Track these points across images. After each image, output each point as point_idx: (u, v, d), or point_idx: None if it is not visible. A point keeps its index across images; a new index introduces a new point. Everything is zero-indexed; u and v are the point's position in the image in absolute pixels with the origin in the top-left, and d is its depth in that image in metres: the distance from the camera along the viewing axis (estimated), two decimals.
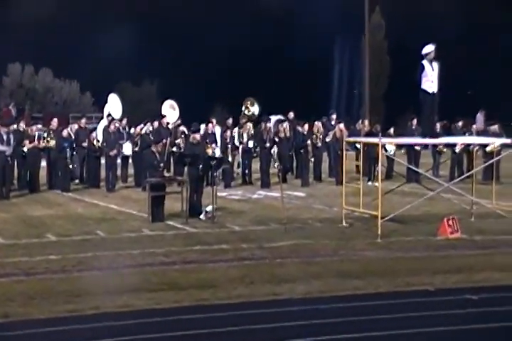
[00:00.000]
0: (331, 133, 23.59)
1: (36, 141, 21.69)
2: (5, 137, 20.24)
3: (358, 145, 21.84)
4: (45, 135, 22.03)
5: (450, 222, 13.67)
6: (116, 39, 46.95)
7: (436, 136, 16.61)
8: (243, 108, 26.27)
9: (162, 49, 49.93)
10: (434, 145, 22.37)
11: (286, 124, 24.00)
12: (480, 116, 28.34)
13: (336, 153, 22.66)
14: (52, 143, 21.65)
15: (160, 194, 15.72)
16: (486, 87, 46.59)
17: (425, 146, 23.39)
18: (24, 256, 11.92)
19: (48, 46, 45.27)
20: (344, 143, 18.51)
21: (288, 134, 23.46)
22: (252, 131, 23.76)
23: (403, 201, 16.50)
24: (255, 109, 26.82)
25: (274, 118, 26.51)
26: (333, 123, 24.71)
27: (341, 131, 23.12)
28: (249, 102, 26.63)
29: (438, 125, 20.41)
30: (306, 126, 23.53)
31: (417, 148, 23.06)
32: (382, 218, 13.69)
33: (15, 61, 48.87)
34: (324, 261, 11.77)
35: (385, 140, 16.10)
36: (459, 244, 13.00)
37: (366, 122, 25.71)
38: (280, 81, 48.67)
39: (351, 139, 20.37)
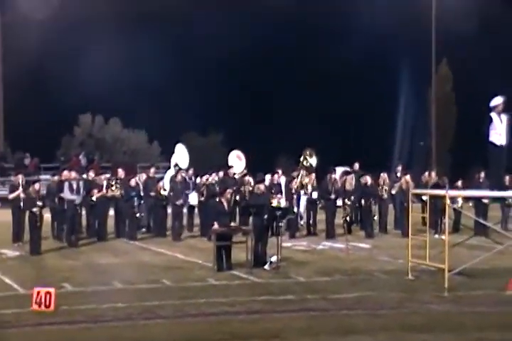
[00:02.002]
0: (397, 185, 23.46)
1: (104, 190, 22.11)
2: (75, 186, 20.82)
3: (424, 198, 21.68)
4: (112, 183, 22.45)
5: None
6: (182, 90, 47.96)
7: (504, 188, 16.41)
8: (301, 159, 26.38)
9: (228, 97, 50.67)
10: (503, 199, 22.02)
11: (351, 175, 23.97)
12: None
13: (401, 204, 22.51)
14: (119, 192, 22.02)
15: (226, 243, 15.81)
16: None
17: (494, 199, 23.04)
18: (92, 304, 12.09)
19: (117, 97, 46.35)
20: (410, 194, 18.35)
21: (353, 186, 23.40)
22: (315, 182, 23.80)
23: (471, 254, 16.23)
24: (313, 161, 26.88)
25: (339, 169, 26.55)
26: (398, 174, 24.61)
27: (407, 182, 22.95)
28: (308, 153, 26.72)
29: (507, 178, 20.14)
30: (369, 178, 23.41)
31: (485, 201, 22.74)
32: (449, 271, 13.48)
33: (86, 111, 50.13)
34: (390, 313, 11.63)
35: (452, 192, 15.96)
36: None
37: (433, 174, 25.48)
38: (345, 133, 48.82)
39: (418, 191, 20.22)
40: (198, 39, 49.79)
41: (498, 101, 14.75)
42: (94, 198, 21.85)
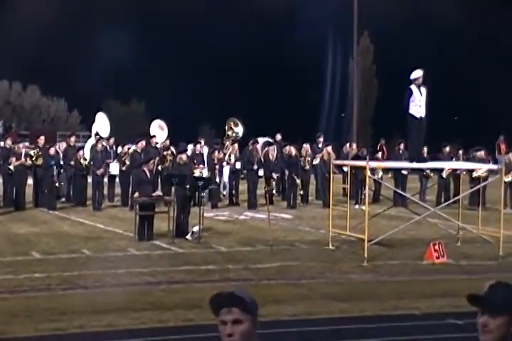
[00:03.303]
0: (318, 156, 23.63)
1: (23, 159, 21.62)
2: None
3: (345, 169, 21.93)
4: (32, 153, 21.97)
5: (436, 247, 13.69)
6: (104, 56, 47.09)
7: (423, 160, 16.71)
8: (226, 128, 26.31)
9: (149, 65, 50.04)
10: (421, 170, 22.46)
11: (273, 146, 24.03)
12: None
13: (323, 175, 22.69)
14: (40, 160, 21.60)
15: (148, 213, 15.70)
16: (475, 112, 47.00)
17: (412, 170, 23.48)
18: (9, 274, 11.85)
19: (36, 63, 45.26)
20: (332, 165, 18.53)
21: (275, 157, 23.47)
22: (239, 152, 23.85)
23: (390, 225, 16.52)
24: (239, 130, 26.85)
25: (261, 140, 26.56)
26: (320, 145, 24.78)
27: (329, 153, 23.14)
28: (232, 123, 26.65)
29: (425, 150, 20.51)
30: (293, 149, 23.52)
31: (404, 172, 23.15)
32: (368, 241, 13.69)
33: (2, 78, 48.86)
34: (310, 283, 11.77)
35: (372, 163, 16.16)
36: (445, 269, 13.03)
37: (354, 145, 25.81)
38: (268, 101, 48.87)
39: (339, 162, 20.44)
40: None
41: (418, 74, 14.91)
42: (11, 166, 21.34)
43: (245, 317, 3.37)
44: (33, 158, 21.73)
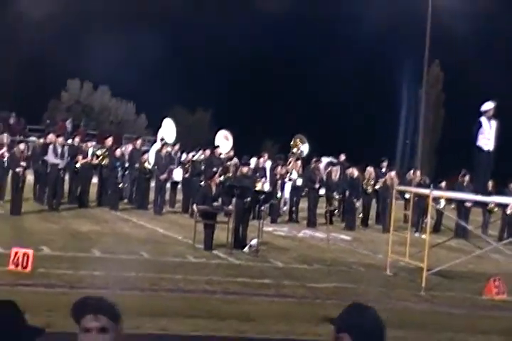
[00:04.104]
0: (381, 180, 23.50)
1: (90, 158, 21.99)
2: (59, 150, 20.61)
3: (407, 195, 21.75)
4: (99, 152, 22.31)
5: (496, 283, 13.45)
6: (175, 64, 47.63)
7: (488, 194, 16.47)
8: (292, 145, 26.36)
9: (220, 76, 50.40)
10: (485, 204, 22.14)
11: (337, 167, 24.00)
12: None
13: (385, 200, 22.55)
14: (106, 161, 21.94)
15: (209, 222, 15.77)
16: None
17: (476, 203, 23.17)
18: (69, 269, 12.02)
19: (108, 65, 45.93)
20: (394, 191, 18.38)
21: (337, 177, 23.43)
22: (302, 170, 23.88)
23: (450, 256, 16.30)
24: (305, 148, 26.89)
25: (325, 159, 26.55)
26: (384, 170, 24.63)
27: (392, 178, 22.99)
28: (299, 140, 26.69)
29: (490, 184, 20.22)
30: (356, 171, 23.44)
31: (468, 204, 22.85)
32: (427, 270, 13.53)
33: (74, 77, 49.69)
34: None
35: (436, 192, 15.99)
36: (504, 306, 12.77)
37: (418, 173, 25.54)
38: (335, 122, 48.76)
39: (402, 188, 20.28)
40: (194, 16, 49.44)
41: (489, 106, 14.71)
42: (78, 164, 21.73)
43: (112, 326, 3.13)
44: (100, 158, 22.07)
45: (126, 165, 22.53)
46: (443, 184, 23.94)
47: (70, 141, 23.29)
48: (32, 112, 42.82)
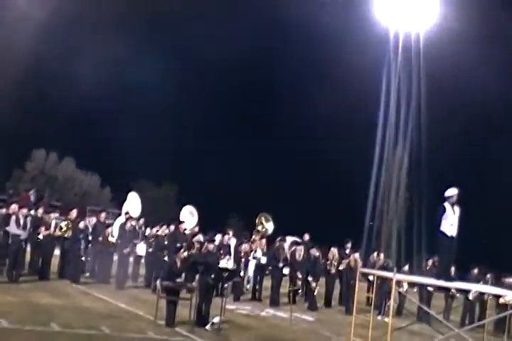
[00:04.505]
0: (345, 261, 23.54)
1: (52, 229, 21.80)
2: (22, 221, 20.39)
3: (370, 278, 21.76)
4: (63, 224, 22.14)
5: None
6: (141, 137, 47.93)
7: (451, 279, 16.54)
8: (257, 222, 26.40)
9: (186, 151, 50.76)
10: (448, 289, 22.18)
11: (301, 246, 24.01)
12: None
13: (348, 281, 22.53)
14: (69, 233, 21.76)
15: (172, 299, 15.59)
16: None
17: (438, 288, 23.19)
18: None
19: (73, 136, 46.07)
20: (358, 273, 18.42)
21: (301, 257, 23.41)
22: (266, 248, 23.86)
23: (411, 340, 16.22)
24: (269, 226, 26.96)
25: (289, 238, 26.57)
26: (347, 251, 24.69)
27: (356, 260, 23.07)
28: (263, 218, 26.77)
29: (453, 269, 20.33)
30: (316, 251, 23.51)
31: (430, 289, 22.87)
32: None
33: (40, 147, 49.66)
34: None
35: (399, 276, 16.04)
36: None
37: (381, 255, 25.66)
38: (301, 200, 49.12)
39: (366, 270, 20.29)
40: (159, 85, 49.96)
41: (452, 192, 14.93)
42: (41, 236, 21.50)
43: None
44: (63, 230, 21.88)
45: (90, 237, 22.35)
46: (406, 267, 24.04)
47: (32, 212, 23.05)
48: None
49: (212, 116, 51.72)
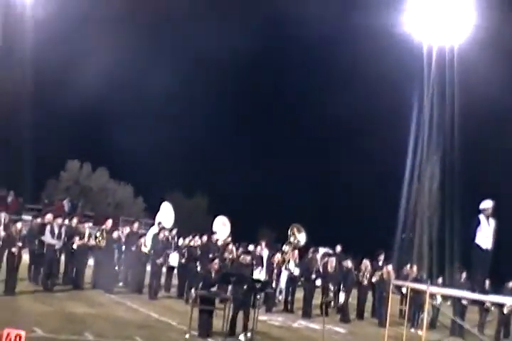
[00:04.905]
0: (378, 273, 23.41)
1: (86, 239, 21.96)
2: (56, 231, 20.60)
3: (404, 290, 21.62)
4: (97, 234, 22.29)
5: None
6: (174, 149, 48.15)
7: (485, 292, 16.38)
8: (289, 234, 26.35)
9: (216, 160, 50.87)
10: (482, 302, 21.95)
11: (333, 258, 23.95)
12: None
13: (381, 293, 22.38)
14: (103, 243, 21.91)
15: (207, 308, 15.57)
16: None
17: (473, 301, 22.95)
18: None
19: (107, 146, 46.37)
20: (391, 285, 18.34)
21: (333, 268, 23.34)
22: (298, 259, 23.81)
23: None
24: (302, 237, 26.87)
25: (322, 250, 26.52)
26: (380, 263, 24.56)
27: (389, 272, 22.92)
28: (296, 229, 26.71)
29: (488, 282, 20.14)
30: (350, 263, 23.42)
31: (464, 302, 22.65)
32: None
33: (74, 158, 50.13)
34: None
35: (433, 288, 15.94)
36: None
37: (414, 268, 25.46)
38: (332, 212, 48.98)
39: (399, 282, 20.17)
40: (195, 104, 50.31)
41: (487, 204, 14.82)
42: (75, 245, 21.69)
43: None
44: (97, 240, 22.04)
45: (123, 247, 22.49)
46: (440, 280, 23.86)
47: (67, 222, 23.26)
48: (30, 191, 42.99)
49: (247, 128, 51.89)
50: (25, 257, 20.41)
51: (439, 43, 39.65)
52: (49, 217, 21.67)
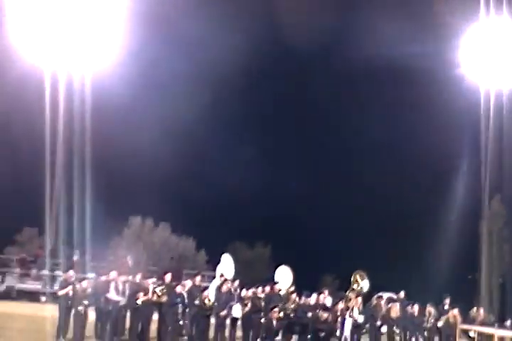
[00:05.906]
0: (443, 318, 23.12)
1: (150, 295, 22.15)
2: (121, 287, 20.88)
3: (471, 334, 21.30)
4: (157, 289, 22.46)
5: None
6: (233, 200, 48.48)
7: None
8: (352, 281, 26.22)
9: (275, 211, 50.98)
10: None
11: (396, 304, 23.76)
12: None
13: (448, 338, 22.09)
14: (164, 298, 22.05)
15: None
16: None
17: None
18: None
19: (168, 202, 46.95)
20: (458, 329, 18.09)
21: (397, 314, 23.15)
22: (362, 306, 23.65)
23: None
24: (365, 284, 26.69)
25: (385, 295, 26.33)
26: (446, 307, 24.24)
27: (455, 316, 22.62)
28: (358, 276, 26.57)
29: None
30: (416, 308, 23.20)
31: None
32: None
33: (136, 214, 50.83)
34: None
35: (501, 332, 15.73)
36: None
37: (481, 310, 25.07)
38: (394, 257, 48.48)
39: (466, 327, 19.88)
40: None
41: None
42: (139, 301, 21.89)
43: None
44: (159, 295, 22.22)
45: (186, 301, 22.60)
46: (508, 322, 23.43)
47: (130, 278, 23.57)
48: (95, 249, 43.67)
49: (311, 183, 52.04)
50: (92, 314, 20.70)
51: (496, 87, 39.60)
52: (113, 274, 22.03)
